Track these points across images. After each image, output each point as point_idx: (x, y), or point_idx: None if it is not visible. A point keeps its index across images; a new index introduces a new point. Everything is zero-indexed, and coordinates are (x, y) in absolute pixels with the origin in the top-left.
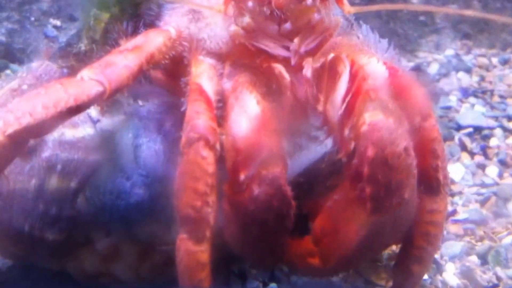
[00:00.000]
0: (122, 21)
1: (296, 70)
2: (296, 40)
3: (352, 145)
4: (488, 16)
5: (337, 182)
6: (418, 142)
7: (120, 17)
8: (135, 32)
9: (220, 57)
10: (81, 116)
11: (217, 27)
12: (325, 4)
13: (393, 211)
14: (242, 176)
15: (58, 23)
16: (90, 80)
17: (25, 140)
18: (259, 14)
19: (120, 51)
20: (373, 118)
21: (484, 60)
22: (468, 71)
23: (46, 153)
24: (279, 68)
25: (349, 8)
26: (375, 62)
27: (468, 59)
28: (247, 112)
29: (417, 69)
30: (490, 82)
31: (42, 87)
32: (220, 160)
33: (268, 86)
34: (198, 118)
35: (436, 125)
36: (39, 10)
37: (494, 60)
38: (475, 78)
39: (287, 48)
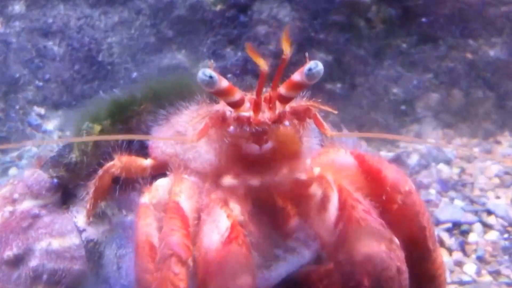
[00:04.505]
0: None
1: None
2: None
3: (347, 268)
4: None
5: None
6: (404, 218)
7: (111, 130)
8: (126, 145)
9: (204, 176)
10: (68, 226)
11: (202, 148)
12: (303, 126)
13: None
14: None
15: (42, 111)
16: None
17: None
18: (241, 137)
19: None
20: (366, 248)
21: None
22: (449, 162)
23: (33, 263)
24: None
25: (330, 132)
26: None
27: (449, 149)
28: (218, 227)
29: (397, 160)
30: (471, 175)
31: None
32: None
33: (248, 203)
34: (172, 235)
35: (417, 199)
36: (24, 99)
37: (476, 151)
38: (456, 170)
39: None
